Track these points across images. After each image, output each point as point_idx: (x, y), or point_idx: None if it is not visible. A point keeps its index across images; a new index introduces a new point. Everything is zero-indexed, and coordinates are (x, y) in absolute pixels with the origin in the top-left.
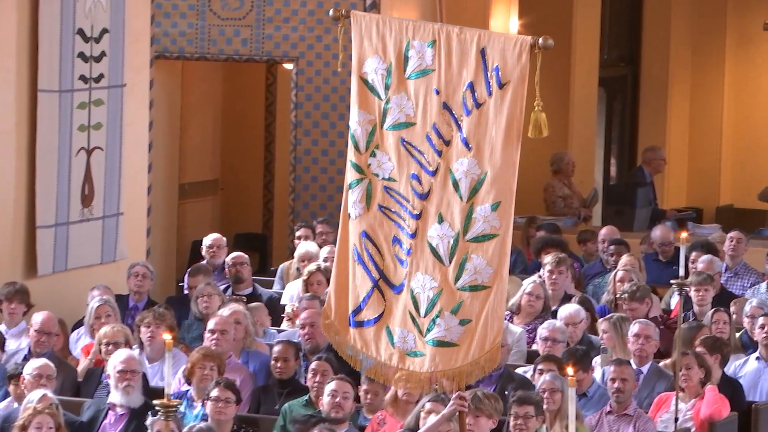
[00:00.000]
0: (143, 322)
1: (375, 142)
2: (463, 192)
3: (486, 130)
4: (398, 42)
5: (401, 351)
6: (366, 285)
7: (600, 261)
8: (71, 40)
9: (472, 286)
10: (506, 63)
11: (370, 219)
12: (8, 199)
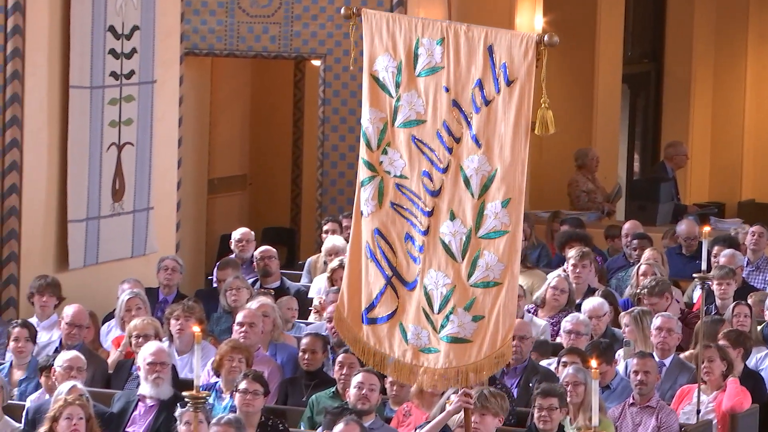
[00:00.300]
0: (173, 314)
1: (386, 139)
2: (474, 189)
3: (495, 127)
4: (408, 40)
5: (415, 347)
6: (379, 282)
7: (623, 255)
8: (102, 37)
9: (485, 283)
10: (513, 60)
11: (383, 216)
12: (40, 194)
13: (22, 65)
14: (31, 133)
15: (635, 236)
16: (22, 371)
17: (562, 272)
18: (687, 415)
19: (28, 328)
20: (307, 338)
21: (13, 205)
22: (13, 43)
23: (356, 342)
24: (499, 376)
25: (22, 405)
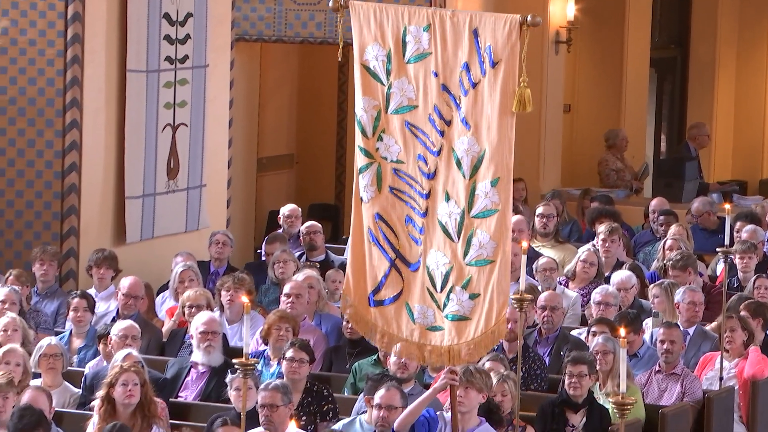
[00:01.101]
0: (223, 286)
1: (381, 126)
2: (465, 170)
3: (482, 109)
4: (395, 28)
5: (422, 326)
6: (383, 265)
7: (650, 230)
8: (158, 24)
9: (478, 261)
10: (497, 42)
11: (383, 201)
12: (98, 172)
13: (81, 50)
14: (90, 114)
15: (662, 212)
16: (81, 339)
17: (592, 246)
18: (710, 381)
19: (86, 299)
20: None
21: (73, 183)
22: (73, 30)
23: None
24: (532, 344)
25: (81, 371)
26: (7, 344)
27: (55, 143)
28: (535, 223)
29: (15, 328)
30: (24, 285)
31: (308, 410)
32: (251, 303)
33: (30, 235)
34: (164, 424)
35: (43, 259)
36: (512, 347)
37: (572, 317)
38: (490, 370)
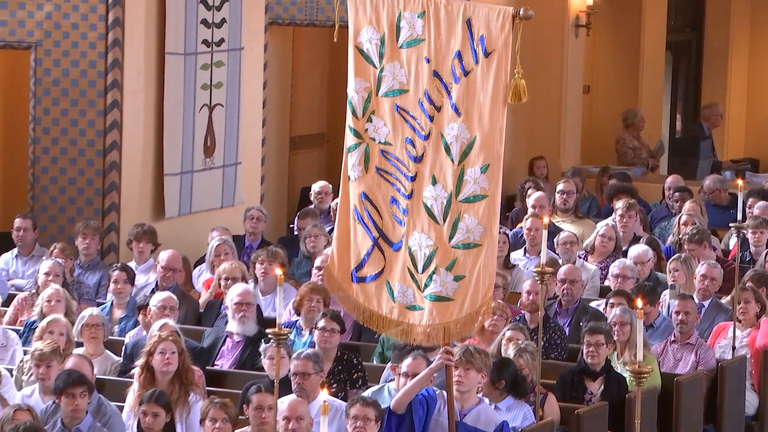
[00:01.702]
0: (258, 259)
1: (371, 108)
2: (454, 155)
3: (474, 97)
4: (390, 13)
5: (401, 305)
6: (366, 243)
7: (666, 206)
8: (195, 8)
9: (465, 244)
10: (491, 33)
11: (369, 181)
12: (138, 150)
13: (122, 34)
14: (130, 95)
15: (677, 189)
16: (121, 310)
17: (611, 222)
18: (723, 349)
19: (127, 272)
20: None
21: (114, 160)
22: (113, 14)
23: (347, 299)
24: (553, 315)
25: (121, 341)
26: (52, 314)
27: (96, 123)
28: (556, 200)
29: (59, 299)
30: (67, 258)
31: (339, 378)
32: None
33: (73, 211)
34: (201, 391)
35: (86, 234)
36: (534, 318)
37: (591, 289)
38: (510, 339)
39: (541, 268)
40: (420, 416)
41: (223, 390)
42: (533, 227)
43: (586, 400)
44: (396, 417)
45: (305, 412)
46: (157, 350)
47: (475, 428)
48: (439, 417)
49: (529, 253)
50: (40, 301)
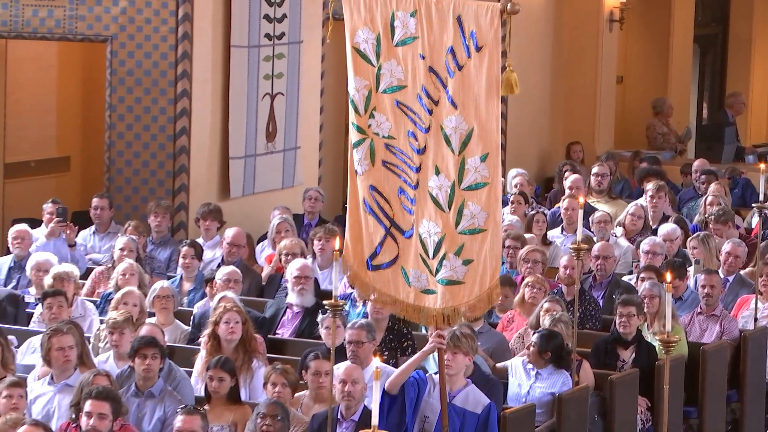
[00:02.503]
0: (315, 236)
1: (372, 104)
2: (454, 146)
3: (469, 90)
4: (384, 13)
5: (417, 290)
6: (379, 232)
7: (693, 188)
8: (258, 4)
9: (471, 230)
10: (481, 28)
11: (376, 174)
12: (206, 135)
13: (191, 28)
14: (198, 84)
15: (703, 172)
16: (190, 283)
17: (641, 202)
18: (745, 320)
19: (195, 248)
20: None
21: (183, 145)
22: (183, 9)
23: (364, 286)
24: (588, 289)
25: (189, 311)
26: (126, 287)
27: (167, 110)
28: (591, 182)
29: (132, 273)
30: (141, 235)
31: (390, 346)
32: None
33: (146, 191)
34: (263, 357)
35: (158, 212)
36: (570, 291)
37: (623, 265)
38: (547, 310)
39: (577, 244)
40: (411, 397)
41: (283, 357)
42: (570, 207)
43: (618, 367)
44: (389, 397)
45: (359, 377)
46: (222, 320)
47: (464, 409)
48: (429, 398)
49: (566, 231)
50: (115, 275)
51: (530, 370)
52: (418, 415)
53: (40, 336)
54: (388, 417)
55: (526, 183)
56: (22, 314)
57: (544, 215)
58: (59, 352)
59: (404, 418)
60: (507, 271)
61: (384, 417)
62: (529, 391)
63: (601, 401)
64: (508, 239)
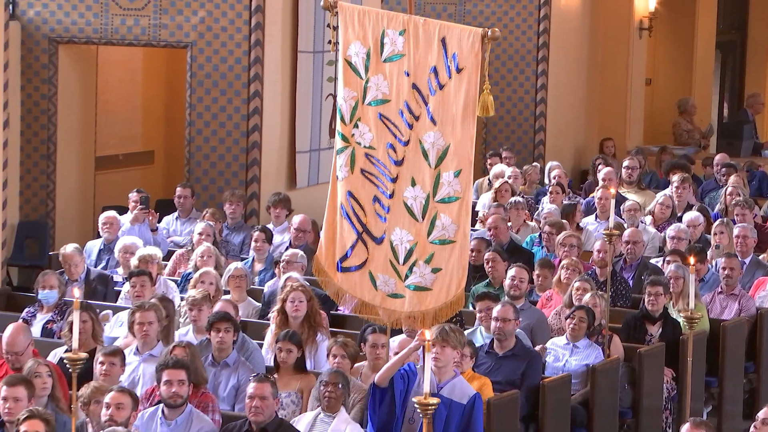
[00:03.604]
0: None
1: (358, 115)
2: (431, 160)
3: (448, 108)
4: (375, 30)
5: (383, 293)
6: (351, 237)
7: (714, 179)
8: (323, 14)
9: (441, 240)
10: (462, 51)
11: (354, 181)
12: (275, 132)
13: (262, 35)
14: (268, 86)
15: (724, 165)
16: (261, 264)
17: (668, 192)
18: (761, 299)
19: (265, 233)
20: (475, 240)
21: (255, 140)
22: (255, 19)
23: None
24: (619, 270)
25: (260, 290)
26: (204, 267)
27: (241, 109)
28: (622, 174)
29: (210, 255)
30: (217, 221)
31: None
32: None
33: (222, 182)
34: (326, 331)
35: (232, 201)
36: (603, 272)
37: (651, 249)
38: (578, 289)
39: (610, 230)
40: (401, 390)
41: (344, 331)
42: (603, 197)
43: (646, 341)
44: (380, 390)
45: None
46: (289, 298)
47: (450, 399)
48: (418, 389)
49: (600, 218)
50: (194, 257)
51: (566, 345)
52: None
53: (126, 311)
54: (380, 408)
55: (564, 175)
56: (111, 292)
57: (579, 204)
58: (140, 326)
59: (394, 409)
60: (545, 255)
61: (375, 408)
62: (566, 364)
63: (630, 372)
64: (546, 225)
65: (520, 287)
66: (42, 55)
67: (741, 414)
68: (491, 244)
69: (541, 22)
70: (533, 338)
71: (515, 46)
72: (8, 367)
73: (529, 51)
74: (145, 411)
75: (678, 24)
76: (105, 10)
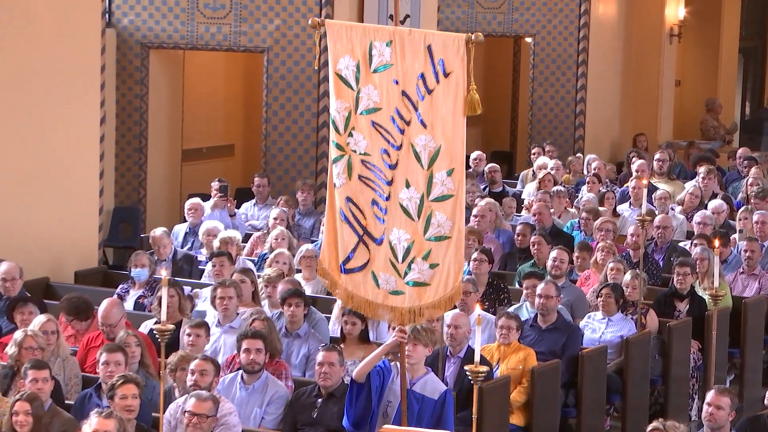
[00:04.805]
0: None
1: (351, 124)
2: (423, 162)
3: (437, 111)
4: (363, 43)
5: (385, 291)
6: (352, 240)
7: (737, 171)
8: (385, 23)
9: (437, 237)
10: (448, 56)
11: (352, 187)
12: None
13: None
14: None
15: (746, 158)
16: None
17: (695, 183)
18: None
19: None
20: (521, 226)
21: (324, 135)
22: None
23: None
24: (650, 252)
25: None
26: (278, 249)
27: (311, 107)
28: (654, 166)
29: (283, 237)
30: (290, 207)
31: (490, 298)
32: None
33: (294, 172)
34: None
35: (304, 189)
36: (636, 254)
37: (680, 233)
38: (612, 269)
39: (642, 217)
40: (377, 385)
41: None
42: (636, 186)
43: (675, 316)
44: (357, 385)
45: (462, 322)
46: None
47: (422, 395)
48: (392, 385)
49: (633, 206)
50: (270, 239)
51: (602, 319)
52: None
53: (209, 288)
54: (356, 402)
55: (603, 167)
56: (195, 270)
57: (613, 193)
58: (221, 300)
59: (370, 403)
60: (584, 238)
61: (353, 402)
62: (602, 336)
63: (660, 343)
64: (584, 212)
65: (560, 267)
66: (135, 59)
67: (761, 382)
68: (535, 228)
69: (581, 29)
70: (573, 313)
71: (558, 51)
72: (104, 338)
73: (570, 55)
74: (225, 377)
75: (705, 31)
76: (191, 18)
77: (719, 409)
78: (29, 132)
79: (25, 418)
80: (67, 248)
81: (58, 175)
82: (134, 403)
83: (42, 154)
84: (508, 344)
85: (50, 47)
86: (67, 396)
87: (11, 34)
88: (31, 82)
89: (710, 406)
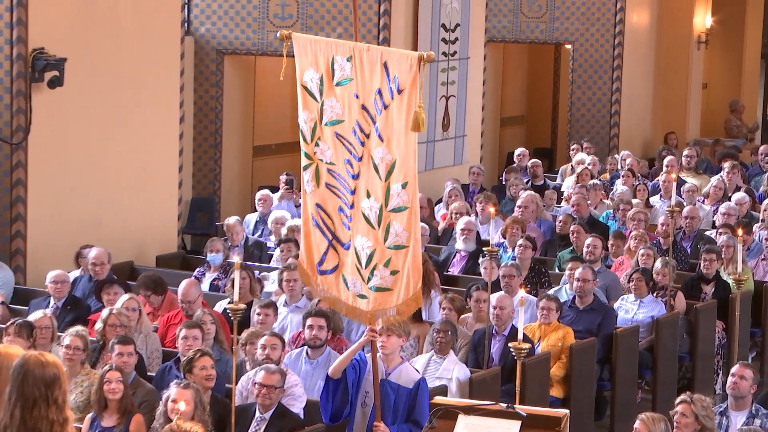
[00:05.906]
0: (478, 200)
1: (317, 134)
2: (381, 174)
3: (392, 126)
4: (326, 57)
5: (354, 294)
6: (323, 244)
7: (759, 166)
8: (438, 31)
9: (396, 246)
10: (402, 73)
11: (321, 194)
12: None
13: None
14: None
15: (767, 154)
16: None
17: (720, 177)
18: None
19: None
20: (563, 215)
21: None
22: (383, 35)
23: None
24: (679, 240)
25: None
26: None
27: None
28: (682, 161)
29: None
30: None
31: (532, 281)
32: (496, 211)
33: None
34: (438, 289)
35: None
36: (666, 242)
37: (706, 223)
38: (643, 255)
39: (672, 208)
40: (353, 379)
41: (453, 288)
42: (666, 180)
43: (701, 298)
44: (333, 382)
45: (508, 304)
46: None
47: (398, 385)
48: (369, 377)
49: (663, 198)
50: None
51: (634, 301)
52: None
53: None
54: (333, 398)
55: (636, 162)
56: (265, 256)
57: (645, 186)
58: (287, 283)
59: (348, 397)
60: (618, 227)
61: (329, 398)
62: (634, 316)
63: (688, 323)
64: (621, 204)
65: (594, 253)
66: (210, 64)
67: None
68: (575, 218)
69: (616, 37)
70: (608, 295)
71: (594, 57)
72: (182, 316)
73: (606, 60)
74: (292, 352)
75: (730, 38)
76: (261, 27)
77: (742, 379)
78: (118, 131)
79: (117, 385)
80: (149, 235)
81: (142, 169)
82: (213, 373)
83: (127, 151)
84: (548, 323)
85: (136, 55)
86: (149, 368)
87: (104, 45)
88: (119, 86)
89: (734, 376)
